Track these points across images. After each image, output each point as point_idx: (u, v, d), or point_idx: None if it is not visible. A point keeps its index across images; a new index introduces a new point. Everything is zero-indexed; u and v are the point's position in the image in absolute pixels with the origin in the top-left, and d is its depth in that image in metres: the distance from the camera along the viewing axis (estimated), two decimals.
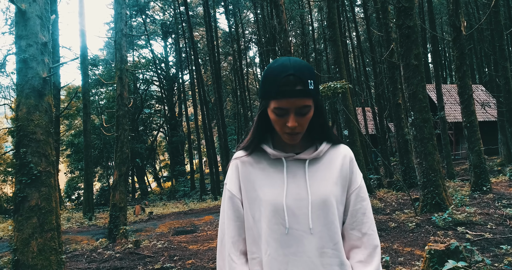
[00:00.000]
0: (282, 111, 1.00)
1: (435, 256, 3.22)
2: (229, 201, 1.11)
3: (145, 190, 32.88)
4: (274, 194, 1.04)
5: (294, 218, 1.03)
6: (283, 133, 1.04)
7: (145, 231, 10.13)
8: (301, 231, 1.02)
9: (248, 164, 1.11)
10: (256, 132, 1.11)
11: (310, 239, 1.02)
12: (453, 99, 26.23)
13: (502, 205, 6.81)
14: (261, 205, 1.05)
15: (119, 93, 7.90)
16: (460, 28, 9.11)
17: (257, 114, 1.10)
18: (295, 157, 1.09)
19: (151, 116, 36.95)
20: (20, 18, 3.16)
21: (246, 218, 1.09)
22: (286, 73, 0.97)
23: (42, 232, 3.09)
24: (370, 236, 1.10)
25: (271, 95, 1.00)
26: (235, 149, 1.18)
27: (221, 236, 1.12)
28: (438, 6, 31.46)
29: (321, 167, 1.09)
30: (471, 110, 8.96)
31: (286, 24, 7.54)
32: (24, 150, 3.14)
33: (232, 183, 1.12)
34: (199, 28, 36.72)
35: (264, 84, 1.03)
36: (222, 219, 1.13)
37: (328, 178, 1.08)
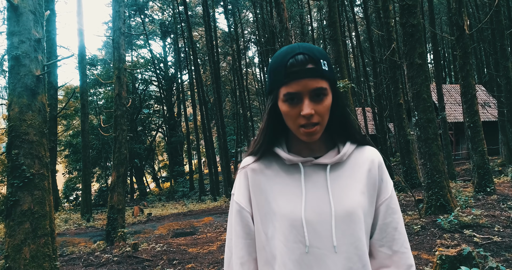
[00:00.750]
0: (294, 98, 0.84)
1: (446, 262, 3.09)
2: (237, 215, 0.95)
3: (143, 191, 32.72)
4: (290, 207, 0.88)
5: (315, 235, 0.86)
6: (298, 128, 0.87)
7: (143, 233, 9.98)
8: (323, 250, 0.86)
9: (259, 171, 0.95)
10: (266, 133, 0.94)
11: (334, 259, 0.86)
12: (453, 99, 26.19)
13: (508, 207, 6.69)
14: (275, 219, 0.89)
15: (117, 92, 7.75)
16: (463, 27, 8.98)
17: (266, 111, 0.94)
18: (314, 162, 0.92)
19: (150, 116, 36.77)
20: (12, 14, 3.01)
21: (258, 235, 0.93)
22: (294, 52, 0.84)
23: (35, 238, 2.94)
24: (403, 255, 0.94)
25: (280, 81, 0.85)
26: (244, 155, 1.01)
27: (228, 255, 0.96)
28: (437, 6, 31.40)
29: (345, 173, 0.93)
30: (475, 110, 8.84)
31: (287, 23, 7.40)
32: (16, 151, 2.99)
33: (240, 194, 0.96)
34: (198, 28, 36.57)
35: (271, 74, 0.89)
36: (230, 235, 0.96)
37: (353, 186, 0.92)
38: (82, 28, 15.10)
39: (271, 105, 0.91)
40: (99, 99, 31.61)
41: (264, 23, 25.19)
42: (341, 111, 0.93)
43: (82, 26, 15.16)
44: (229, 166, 23.88)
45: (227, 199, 18.38)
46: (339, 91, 0.92)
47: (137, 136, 31.92)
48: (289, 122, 0.88)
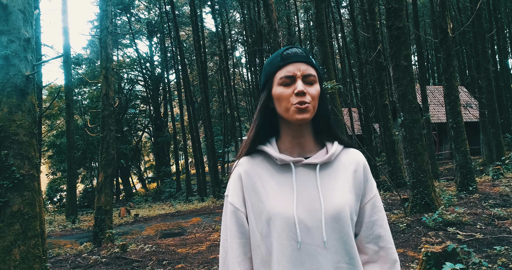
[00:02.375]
0: (289, 79, 0.93)
1: (432, 259, 3.19)
2: (232, 216, 0.98)
3: (129, 192, 32.35)
4: (283, 206, 0.92)
5: (306, 232, 0.91)
6: (289, 108, 0.92)
7: (131, 234, 9.90)
8: (314, 246, 0.91)
9: (252, 172, 0.98)
10: (257, 132, 0.98)
11: (324, 254, 0.91)
12: (436, 100, 26.73)
13: (489, 205, 6.90)
14: (269, 219, 0.93)
15: (105, 92, 7.68)
16: (447, 30, 9.22)
17: (258, 109, 0.99)
18: (304, 162, 0.97)
19: (136, 116, 36.40)
20: (1, 12, 2.96)
21: (252, 235, 0.97)
22: (287, 47, 0.98)
23: (25, 239, 2.91)
24: (388, 251, 1.00)
25: (276, 67, 0.95)
26: (236, 157, 1.05)
27: (223, 255, 0.99)
28: (421, 9, 31.99)
29: (333, 173, 0.98)
30: (458, 111, 9.08)
31: (276, 24, 7.47)
32: (6, 152, 2.95)
33: (234, 195, 0.99)
34: (185, 28, 36.37)
35: (266, 68, 1.00)
36: (225, 236, 0.99)
37: (341, 185, 0.97)
38: (67, 27, 14.86)
39: (264, 99, 0.98)
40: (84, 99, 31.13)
41: (251, 24, 25.26)
42: (326, 110, 1.00)
43: (67, 25, 14.92)
44: (216, 167, 23.85)
45: (214, 199, 18.35)
46: (325, 91, 1.00)
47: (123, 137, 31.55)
48: (283, 103, 0.94)
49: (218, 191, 21.94)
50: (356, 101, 23.65)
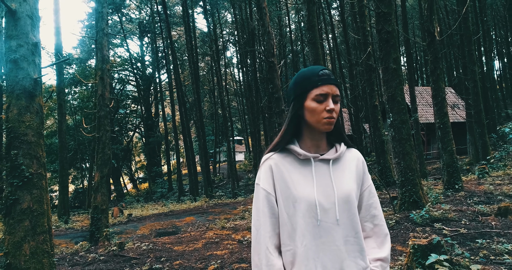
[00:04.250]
0: (323, 97, 1.17)
1: (419, 251, 3.41)
2: (264, 199, 1.19)
3: (120, 192, 32.22)
4: (306, 192, 1.17)
5: (324, 212, 1.15)
6: (321, 120, 1.18)
7: (125, 233, 9.99)
8: (330, 223, 1.15)
9: (280, 164, 1.22)
10: (286, 134, 1.24)
11: (337, 229, 1.16)
12: (424, 101, 27.20)
13: (474, 202, 7.19)
14: (295, 201, 1.16)
15: (101, 93, 7.77)
16: (434, 34, 9.52)
17: (290, 116, 1.24)
18: (320, 158, 1.22)
19: (127, 117, 36.26)
20: (10, 18, 3.08)
21: (281, 215, 1.19)
22: (321, 68, 1.20)
23: (35, 235, 3.03)
24: (381, 227, 1.28)
25: (312, 85, 1.18)
26: (265, 152, 1.28)
27: (255, 232, 1.20)
28: (410, 11, 32.55)
29: (341, 167, 1.24)
30: (444, 112, 9.39)
31: (270, 27, 7.66)
32: (15, 152, 3.07)
33: (266, 183, 1.21)
34: (176, 28, 36.36)
35: (300, 82, 1.21)
36: (257, 216, 1.20)
37: (348, 176, 1.23)
38: (59, 27, 14.84)
39: (297, 108, 1.22)
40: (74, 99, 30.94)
41: (243, 24, 25.39)
42: (340, 122, 1.28)
43: (59, 25, 14.90)
44: (208, 167, 23.93)
45: (207, 199, 18.46)
46: None
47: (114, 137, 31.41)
48: (315, 116, 1.18)
49: (211, 191, 22.04)
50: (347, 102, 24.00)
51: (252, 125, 24.43)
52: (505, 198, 7.39)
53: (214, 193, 22.81)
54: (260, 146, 23.66)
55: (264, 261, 1.15)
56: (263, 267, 1.15)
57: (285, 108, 8.07)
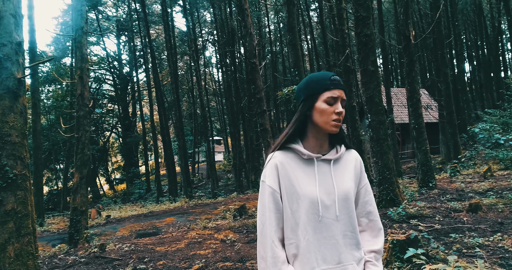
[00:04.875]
0: (333, 100, 1.26)
1: (397, 245, 3.59)
2: (270, 196, 1.27)
3: (97, 194, 31.48)
4: (309, 189, 1.25)
5: (325, 209, 1.25)
6: (330, 122, 1.26)
7: (104, 235, 9.84)
8: (330, 219, 1.25)
9: (285, 163, 1.29)
10: (293, 133, 1.31)
11: (336, 225, 1.25)
12: (400, 102, 27.99)
13: (447, 199, 7.53)
14: (299, 198, 1.25)
15: (80, 93, 7.64)
16: (410, 37, 9.87)
17: (298, 116, 1.30)
18: (322, 158, 1.31)
19: (103, 116, 35.44)
20: None
21: (285, 210, 1.27)
22: (332, 74, 1.29)
23: (19, 237, 2.98)
24: (375, 222, 1.38)
25: (325, 87, 1.26)
26: (269, 151, 1.35)
27: (261, 227, 1.27)
28: (386, 14, 33.37)
29: (341, 167, 1.33)
30: (419, 113, 9.75)
31: (252, 28, 7.74)
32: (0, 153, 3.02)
33: (272, 180, 1.28)
34: (154, 26, 35.87)
35: (312, 84, 1.29)
36: (263, 212, 1.28)
37: (347, 176, 1.33)
38: (33, 24, 14.40)
39: (307, 108, 1.28)
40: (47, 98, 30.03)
41: (222, 24, 25.35)
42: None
43: (33, 21, 14.46)
44: (187, 167, 23.78)
45: (187, 199, 18.35)
46: None
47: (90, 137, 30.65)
48: (324, 117, 1.26)
49: (190, 191, 21.90)
50: None
51: (232, 125, 24.45)
52: (475, 195, 7.77)
53: (194, 193, 22.69)
54: (240, 146, 23.70)
55: (270, 253, 1.23)
56: (269, 258, 1.22)
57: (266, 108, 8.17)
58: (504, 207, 6.05)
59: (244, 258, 5.10)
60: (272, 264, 1.22)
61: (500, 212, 5.81)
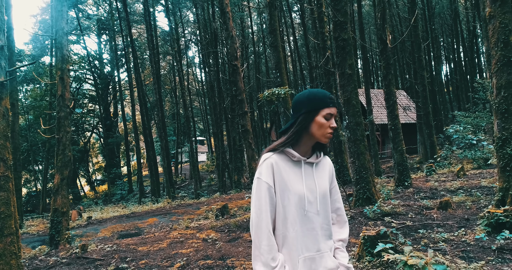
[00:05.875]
0: (330, 116, 1.47)
1: (368, 241, 3.81)
2: (266, 191, 1.43)
3: (77, 195, 30.95)
4: (298, 187, 1.45)
5: (309, 204, 1.45)
6: (324, 134, 1.47)
7: (86, 236, 9.80)
8: (313, 213, 1.46)
9: (280, 163, 1.47)
10: (291, 139, 1.49)
11: (317, 218, 1.47)
12: (379, 103, 28.55)
13: (420, 198, 7.86)
14: (290, 194, 1.44)
15: (61, 93, 7.61)
16: (386, 41, 10.22)
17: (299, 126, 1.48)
18: (307, 161, 1.51)
19: (84, 116, 34.86)
20: None
21: (277, 204, 1.45)
22: (329, 93, 1.52)
23: (2, 237, 3.04)
24: (342, 216, 1.65)
25: (325, 105, 1.47)
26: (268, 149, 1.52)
27: (256, 218, 1.43)
28: (366, 17, 34.05)
29: (319, 169, 1.56)
30: (395, 114, 10.11)
31: (233, 31, 7.88)
32: None
33: (268, 177, 1.44)
34: (136, 26, 35.53)
35: (315, 100, 1.48)
36: (259, 205, 1.43)
37: (324, 177, 1.56)
38: (11, 22, 14.14)
39: (308, 120, 1.48)
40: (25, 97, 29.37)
41: (205, 24, 25.35)
42: None
43: (11, 20, 14.19)
44: (170, 167, 23.69)
45: (170, 200, 18.33)
46: None
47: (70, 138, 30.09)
48: (322, 130, 1.46)
49: (173, 192, 21.85)
50: None
51: (215, 126, 24.48)
52: (447, 193, 8.14)
53: (177, 194, 22.64)
54: (223, 147, 23.78)
55: (265, 242, 1.39)
56: (264, 247, 1.39)
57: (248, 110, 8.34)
58: (472, 204, 6.39)
59: (225, 256, 5.24)
60: (267, 251, 1.38)
61: (467, 209, 6.15)
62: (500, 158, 5.58)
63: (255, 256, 1.40)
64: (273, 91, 7.48)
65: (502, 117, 5.55)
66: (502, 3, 5.60)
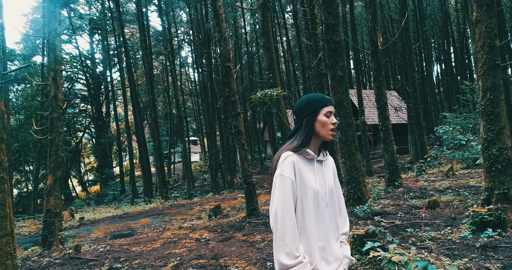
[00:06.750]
0: (329, 114, 1.63)
1: (357, 240, 3.92)
2: (290, 186, 1.54)
3: (69, 196, 30.73)
4: (312, 183, 1.59)
5: (320, 198, 1.60)
6: (328, 131, 1.62)
7: (78, 237, 9.79)
8: (323, 206, 1.60)
9: (298, 160, 1.60)
10: (307, 140, 1.64)
11: (326, 211, 1.62)
12: (371, 103, 28.80)
13: (410, 197, 8.02)
14: (307, 189, 1.57)
15: (53, 94, 7.62)
16: (377, 43, 10.37)
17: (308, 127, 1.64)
18: (317, 159, 1.66)
19: (76, 117, 34.60)
20: None
21: (297, 198, 1.58)
22: (325, 95, 1.69)
23: None
24: (344, 210, 1.79)
25: (323, 104, 1.64)
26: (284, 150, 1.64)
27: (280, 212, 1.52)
28: (358, 18, 34.30)
29: (326, 166, 1.71)
30: (386, 115, 10.27)
31: (226, 33, 7.96)
32: None
33: (291, 174, 1.56)
34: (129, 25, 35.38)
35: (314, 102, 1.65)
36: (283, 199, 1.53)
37: (330, 173, 1.72)
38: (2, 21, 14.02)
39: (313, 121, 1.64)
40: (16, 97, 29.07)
41: (198, 25, 25.36)
42: None
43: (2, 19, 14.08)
44: (163, 168, 23.63)
45: (163, 200, 18.33)
46: None
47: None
48: (325, 127, 1.62)
49: (166, 192, 21.81)
50: None
51: (208, 126, 24.50)
52: (435, 193, 8.30)
53: (170, 194, 22.62)
54: (216, 147, 23.82)
55: (290, 233, 1.49)
56: (289, 238, 1.49)
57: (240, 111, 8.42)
58: (459, 204, 6.55)
59: (217, 255, 5.32)
60: (292, 242, 1.48)
61: (455, 208, 6.30)
62: (486, 159, 5.75)
63: (279, 247, 1.49)
64: (265, 92, 7.57)
65: (488, 118, 5.71)
66: (488, 8, 5.77)
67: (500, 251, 3.82)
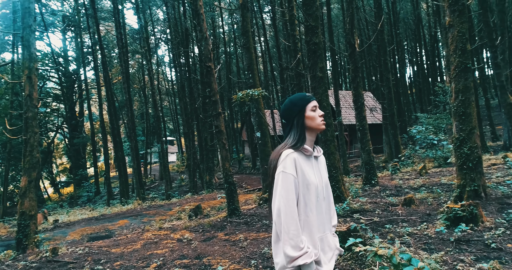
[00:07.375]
0: (315, 108, 1.75)
1: (340, 236, 4.03)
2: (293, 182, 1.62)
3: (41, 198, 29.67)
4: (312, 178, 1.68)
5: (319, 192, 1.70)
6: (319, 123, 1.73)
7: (54, 240, 9.52)
8: (321, 199, 1.71)
9: (299, 157, 1.67)
10: (303, 137, 1.73)
11: (323, 204, 1.74)
12: (347, 104, 29.39)
13: (386, 195, 8.28)
14: (308, 184, 1.65)
15: (28, 93, 7.38)
16: (355, 45, 10.62)
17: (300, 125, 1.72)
18: (313, 155, 1.76)
19: (47, 116, 33.44)
20: None
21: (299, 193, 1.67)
22: (305, 93, 1.81)
23: None
24: (332, 204, 1.89)
25: (307, 101, 1.75)
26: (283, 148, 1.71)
27: (284, 207, 1.59)
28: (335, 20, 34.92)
29: (320, 162, 1.83)
30: (363, 116, 10.54)
31: (207, 33, 7.95)
32: None
33: (293, 170, 1.64)
34: (104, 23, 34.55)
35: (298, 102, 1.75)
36: (286, 195, 1.60)
37: (324, 169, 1.84)
38: None
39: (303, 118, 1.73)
40: None
41: (176, 24, 25.10)
42: None
43: None
44: (139, 168, 23.25)
45: (140, 201, 18.04)
46: None
47: None
48: (315, 121, 1.73)
49: (143, 193, 21.48)
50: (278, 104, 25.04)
51: (185, 126, 24.29)
52: (410, 190, 8.61)
53: (147, 195, 22.29)
54: (194, 147, 23.65)
55: (294, 227, 1.56)
56: (294, 231, 1.56)
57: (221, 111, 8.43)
58: (433, 201, 6.83)
59: (201, 255, 5.33)
60: (296, 235, 1.55)
61: (429, 205, 6.57)
62: (458, 157, 6.03)
63: (285, 241, 1.57)
64: (247, 93, 7.62)
65: (460, 119, 5.99)
66: (460, 13, 6.05)
67: (472, 245, 4.03)
